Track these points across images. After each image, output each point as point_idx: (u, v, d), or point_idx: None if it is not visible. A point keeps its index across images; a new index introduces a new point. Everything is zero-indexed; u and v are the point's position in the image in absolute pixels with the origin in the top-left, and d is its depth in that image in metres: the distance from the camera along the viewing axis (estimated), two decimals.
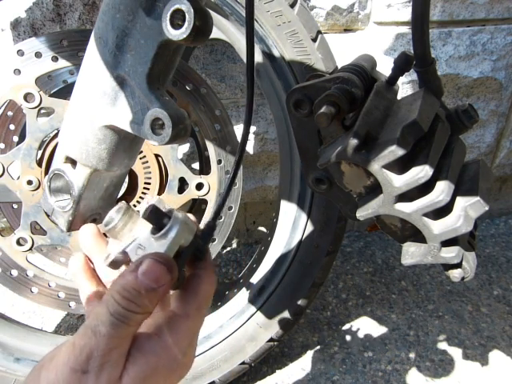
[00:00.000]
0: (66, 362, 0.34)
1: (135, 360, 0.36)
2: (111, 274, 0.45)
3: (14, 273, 0.83)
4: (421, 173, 0.49)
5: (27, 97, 0.76)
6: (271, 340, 0.96)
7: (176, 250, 0.39)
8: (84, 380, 0.34)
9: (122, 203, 0.42)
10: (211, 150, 0.86)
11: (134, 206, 0.87)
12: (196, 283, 0.41)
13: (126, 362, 0.36)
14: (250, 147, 1.34)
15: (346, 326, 1.20)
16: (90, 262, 0.49)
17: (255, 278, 0.96)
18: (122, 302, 0.36)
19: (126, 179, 0.81)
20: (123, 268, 0.42)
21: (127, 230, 0.42)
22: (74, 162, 0.50)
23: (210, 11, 0.40)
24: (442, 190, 0.50)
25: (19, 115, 1.06)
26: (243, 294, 0.96)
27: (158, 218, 0.39)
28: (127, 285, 0.37)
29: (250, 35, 0.43)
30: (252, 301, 0.95)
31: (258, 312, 0.94)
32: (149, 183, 0.86)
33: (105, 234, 0.47)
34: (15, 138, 1.08)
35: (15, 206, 1.10)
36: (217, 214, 0.45)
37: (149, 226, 0.40)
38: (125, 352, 0.36)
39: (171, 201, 0.86)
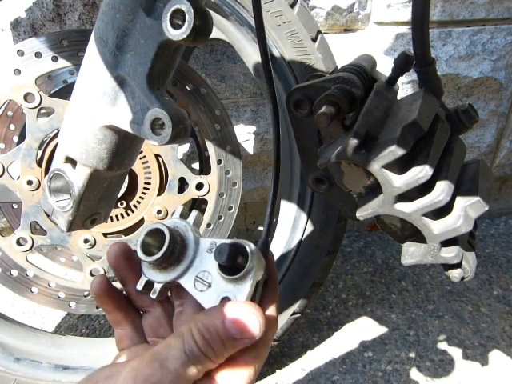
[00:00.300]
0: None
1: None
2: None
3: (14, 273, 0.83)
4: (421, 173, 0.49)
5: (27, 97, 0.76)
6: None
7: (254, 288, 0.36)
8: None
9: (160, 226, 0.37)
10: (211, 150, 0.86)
11: (135, 206, 0.87)
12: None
13: None
14: (250, 147, 1.34)
15: (346, 326, 1.20)
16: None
17: None
18: (200, 343, 0.34)
19: (126, 179, 0.82)
20: None
21: (173, 258, 0.37)
22: (74, 162, 0.50)
23: (210, 11, 0.40)
24: (442, 189, 0.50)
25: (19, 115, 1.06)
26: None
27: (233, 260, 0.35)
28: (212, 327, 0.34)
29: (264, 50, 0.41)
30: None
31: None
32: (149, 183, 0.86)
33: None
34: (15, 138, 1.08)
35: (15, 206, 1.10)
36: (267, 236, 0.42)
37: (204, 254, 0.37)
38: None
39: (171, 201, 0.86)
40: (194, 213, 0.40)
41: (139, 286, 0.39)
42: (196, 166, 1.35)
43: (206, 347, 0.34)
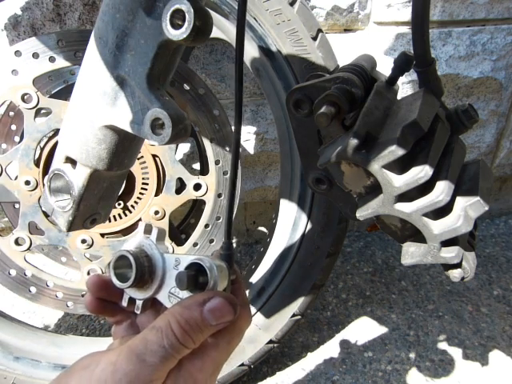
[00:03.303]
0: (103, 382, 0.33)
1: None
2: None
3: (13, 272, 0.83)
4: (421, 173, 0.49)
5: (25, 97, 0.76)
6: (271, 342, 0.96)
7: None
8: None
9: (124, 253, 0.40)
10: (209, 150, 0.86)
11: (133, 206, 0.87)
12: None
13: None
14: (250, 147, 1.34)
15: (346, 326, 1.20)
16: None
17: (255, 279, 0.96)
18: (180, 336, 0.35)
19: (125, 179, 0.81)
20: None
21: (145, 278, 0.40)
22: (74, 162, 0.50)
23: (210, 11, 0.40)
24: (442, 189, 0.50)
25: (20, 116, 1.06)
26: None
27: (194, 283, 0.38)
28: (191, 319, 0.36)
29: (241, 33, 0.42)
30: (251, 302, 0.95)
31: (258, 313, 0.94)
32: (146, 184, 0.86)
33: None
34: (16, 138, 1.08)
35: (17, 206, 1.10)
36: (229, 237, 0.44)
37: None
38: (162, 381, 0.36)
39: (169, 201, 0.86)
40: (155, 230, 0.42)
41: (124, 303, 0.42)
42: (196, 166, 1.35)
43: (185, 339, 0.36)
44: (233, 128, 0.88)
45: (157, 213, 0.86)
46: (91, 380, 0.34)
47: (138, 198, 0.86)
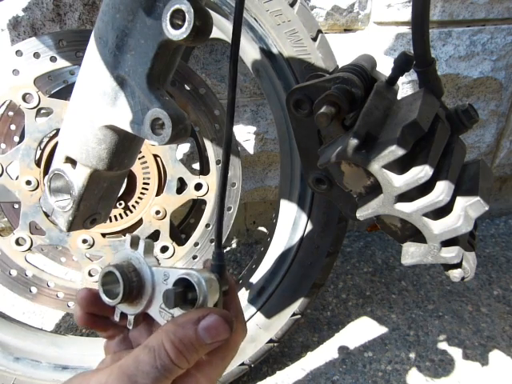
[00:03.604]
0: None
1: None
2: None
3: (13, 273, 0.83)
4: (421, 173, 0.49)
5: (26, 97, 0.76)
6: (271, 341, 0.96)
7: None
8: None
9: (111, 268, 0.39)
10: (210, 150, 0.86)
11: (133, 206, 0.87)
12: None
13: None
14: (250, 147, 1.34)
15: (346, 326, 1.20)
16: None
17: (255, 279, 0.96)
18: (174, 356, 0.34)
19: (125, 179, 0.81)
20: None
21: (134, 294, 0.39)
22: (74, 162, 0.50)
23: (210, 11, 0.40)
24: (442, 189, 0.50)
25: (20, 115, 1.06)
26: (243, 295, 0.96)
27: (182, 299, 0.37)
28: (185, 338, 0.35)
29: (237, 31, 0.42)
30: (252, 301, 0.95)
31: (258, 313, 0.94)
32: (147, 183, 0.86)
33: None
34: (16, 138, 1.08)
35: (16, 206, 1.10)
36: (219, 247, 0.43)
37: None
38: None
39: (170, 201, 0.86)
40: (142, 242, 0.41)
41: (116, 318, 0.41)
42: (196, 166, 1.35)
43: (179, 359, 0.34)
44: (234, 128, 0.88)
45: (158, 212, 0.86)
46: None
47: (139, 197, 0.86)
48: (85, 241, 0.85)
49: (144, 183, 0.86)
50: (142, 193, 0.86)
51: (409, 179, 0.49)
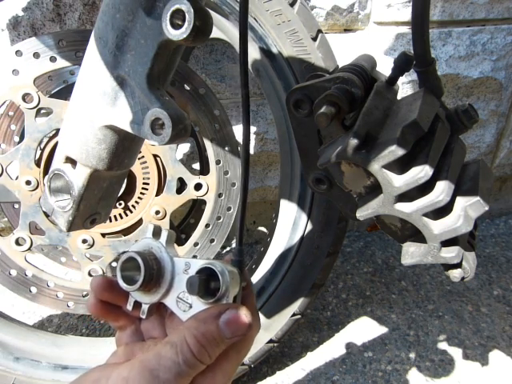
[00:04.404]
0: None
1: None
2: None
3: (13, 273, 0.83)
4: (421, 173, 0.49)
5: (25, 97, 0.76)
6: (271, 341, 0.96)
7: None
8: None
9: (133, 254, 0.39)
10: (210, 150, 0.86)
11: (133, 206, 0.87)
12: None
13: None
14: (250, 147, 1.33)
15: (346, 326, 1.20)
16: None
17: (255, 279, 0.96)
18: (197, 351, 0.34)
19: (125, 179, 0.81)
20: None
21: (153, 282, 0.39)
22: (74, 162, 0.50)
23: (210, 11, 0.40)
24: (442, 189, 0.50)
25: (20, 115, 1.06)
26: None
27: (205, 288, 0.37)
28: (208, 333, 0.35)
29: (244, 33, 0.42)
30: None
31: (258, 313, 0.94)
32: (147, 183, 0.86)
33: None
34: (16, 138, 1.08)
35: (16, 206, 1.10)
36: (241, 243, 0.43)
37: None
38: None
39: (170, 201, 0.86)
40: (165, 232, 0.41)
41: (129, 307, 0.41)
42: (196, 166, 1.35)
43: (202, 354, 0.35)
44: (233, 128, 0.88)
45: (158, 213, 0.86)
46: None
47: (138, 197, 0.86)
48: (84, 241, 0.85)
49: (144, 183, 0.86)
50: (141, 193, 0.86)
51: (409, 179, 0.49)
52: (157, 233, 0.41)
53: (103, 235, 0.86)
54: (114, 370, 0.35)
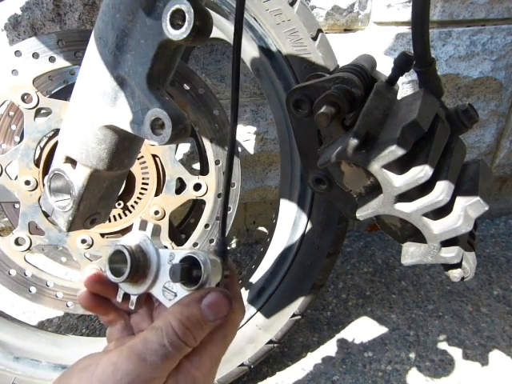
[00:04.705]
0: (104, 381, 0.34)
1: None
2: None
3: (13, 272, 0.83)
4: (421, 173, 0.49)
5: (25, 97, 0.76)
6: (271, 342, 0.96)
7: None
8: None
9: (120, 247, 0.40)
10: (209, 150, 0.86)
11: (132, 206, 0.87)
12: None
13: None
14: (250, 147, 1.34)
15: (346, 326, 1.20)
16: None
17: (255, 279, 0.96)
18: (182, 333, 0.36)
19: (125, 179, 0.81)
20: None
21: (140, 273, 0.41)
22: (73, 162, 0.50)
23: (210, 11, 0.40)
24: (442, 189, 0.50)
25: (21, 115, 1.06)
26: (243, 295, 0.96)
27: (187, 275, 0.38)
28: (192, 316, 0.37)
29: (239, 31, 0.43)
30: (251, 302, 0.95)
31: (258, 313, 0.94)
32: (146, 183, 0.86)
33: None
34: (16, 138, 1.08)
35: (17, 206, 1.10)
36: (224, 231, 0.45)
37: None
38: (163, 381, 0.36)
39: (169, 201, 0.86)
40: (151, 225, 0.43)
41: (118, 299, 0.42)
42: (196, 166, 1.35)
43: (186, 336, 0.36)
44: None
45: (157, 213, 0.86)
46: (91, 381, 0.34)
47: (138, 197, 0.86)
48: (84, 241, 0.85)
49: (143, 183, 0.86)
50: (141, 193, 0.86)
51: (409, 179, 0.49)
52: (143, 226, 0.43)
53: (102, 235, 0.86)
54: (103, 356, 0.36)
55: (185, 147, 1.32)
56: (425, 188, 0.50)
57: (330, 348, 1.14)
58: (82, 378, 0.35)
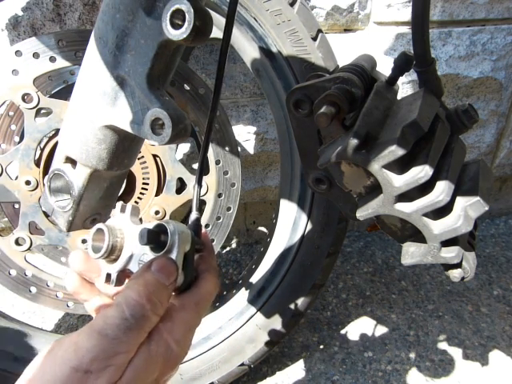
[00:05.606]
0: (67, 361, 0.34)
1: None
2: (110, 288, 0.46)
3: (13, 272, 0.83)
4: (421, 173, 0.49)
5: (25, 97, 0.76)
6: (271, 342, 0.96)
7: (182, 259, 0.42)
8: (84, 380, 0.33)
9: (100, 225, 0.42)
10: (209, 150, 0.86)
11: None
12: (197, 281, 0.43)
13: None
14: (250, 147, 1.34)
15: (346, 326, 1.20)
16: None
17: (255, 279, 0.96)
18: (144, 301, 0.36)
19: (125, 179, 0.81)
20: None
21: (118, 250, 0.43)
22: (74, 162, 0.50)
23: (210, 11, 0.40)
24: (442, 189, 0.49)
25: (21, 115, 1.06)
26: (243, 295, 0.96)
27: (155, 239, 0.40)
28: (148, 283, 0.37)
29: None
30: (252, 302, 0.95)
31: (258, 313, 0.94)
32: (147, 183, 0.86)
33: None
34: (16, 138, 1.08)
35: (17, 206, 1.10)
36: (198, 205, 0.48)
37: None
38: (131, 356, 0.35)
39: (169, 201, 0.86)
40: (129, 206, 0.45)
41: (101, 279, 0.44)
42: (196, 166, 1.35)
43: (149, 302, 0.36)
44: (233, 128, 0.88)
45: (157, 213, 0.86)
46: (55, 362, 0.34)
47: (138, 197, 0.86)
48: (84, 241, 0.85)
49: (143, 183, 0.86)
50: (141, 193, 0.86)
51: (409, 179, 0.49)
52: (123, 209, 0.45)
53: None
54: (66, 337, 0.36)
55: (185, 147, 1.32)
56: (425, 188, 0.50)
57: (330, 348, 1.14)
58: (47, 361, 0.35)
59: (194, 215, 0.47)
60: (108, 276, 0.43)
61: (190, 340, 0.41)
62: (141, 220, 0.46)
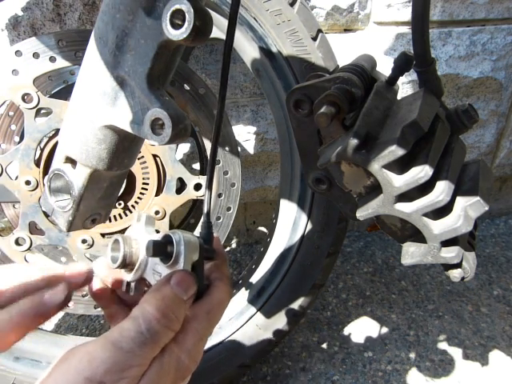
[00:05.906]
0: (81, 371, 0.33)
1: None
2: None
3: None
4: (421, 173, 0.49)
5: (25, 97, 0.76)
6: (271, 342, 0.96)
7: (190, 268, 0.41)
8: None
9: (117, 236, 0.43)
10: (209, 150, 0.86)
11: (133, 206, 0.87)
12: (209, 289, 0.43)
13: None
14: (250, 147, 1.34)
15: (346, 326, 1.20)
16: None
17: (255, 279, 0.96)
18: (160, 316, 0.36)
19: (125, 179, 0.81)
20: None
21: (134, 260, 0.43)
22: (74, 162, 0.50)
23: (210, 11, 0.40)
24: (442, 189, 0.50)
25: (21, 115, 1.06)
26: (243, 295, 0.96)
27: (161, 251, 0.40)
28: (165, 298, 0.37)
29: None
30: (252, 302, 0.95)
31: (258, 313, 0.94)
32: (147, 183, 0.86)
33: None
34: (16, 138, 1.08)
35: (17, 206, 1.10)
36: (208, 213, 0.47)
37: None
38: (144, 369, 0.35)
39: (169, 201, 0.86)
40: (144, 216, 0.46)
41: (123, 288, 0.45)
42: (196, 166, 1.35)
43: (166, 318, 0.36)
44: (233, 128, 0.88)
45: (157, 213, 0.86)
46: (69, 372, 0.34)
47: (138, 197, 0.86)
48: (84, 241, 0.85)
49: (143, 183, 0.86)
50: (141, 193, 0.86)
51: (409, 179, 0.49)
52: (139, 218, 0.46)
53: (103, 235, 0.86)
54: (81, 348, 0.36)
55: (185, 147, 1.32)
56: (425, 188, 0.50)
57: (330, 348, 1.14)
58: (61, 370, 0.34)
59: (205, 222, 0.46)
60: (127, 285, 0.44)
61: (201, 350, 0.41)
62: (157, 231, 0.46)
